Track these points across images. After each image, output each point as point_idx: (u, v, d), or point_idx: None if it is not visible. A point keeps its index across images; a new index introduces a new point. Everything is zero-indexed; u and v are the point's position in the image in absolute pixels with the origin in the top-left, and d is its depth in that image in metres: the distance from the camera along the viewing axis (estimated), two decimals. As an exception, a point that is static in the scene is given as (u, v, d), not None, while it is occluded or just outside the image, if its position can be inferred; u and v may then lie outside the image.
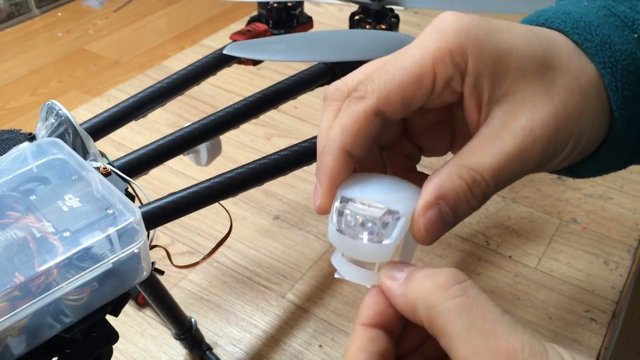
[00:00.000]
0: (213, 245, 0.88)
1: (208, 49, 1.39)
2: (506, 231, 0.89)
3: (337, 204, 0.26)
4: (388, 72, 0.25)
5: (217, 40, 1.42)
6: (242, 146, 1.06)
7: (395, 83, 0.25)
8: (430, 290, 0.23)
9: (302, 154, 0.52)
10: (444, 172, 0.25)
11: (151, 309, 0.77)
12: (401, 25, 0.73)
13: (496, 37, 0.25)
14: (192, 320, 0.70)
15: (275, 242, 0.88)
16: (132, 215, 0.37)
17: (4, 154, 0.50)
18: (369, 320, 0.25)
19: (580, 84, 0.26)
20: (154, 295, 0.63)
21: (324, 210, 0.26)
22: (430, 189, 0.25)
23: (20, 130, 0.54)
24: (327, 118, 0.28)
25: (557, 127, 0.25)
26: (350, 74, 0.29)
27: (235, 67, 0.65)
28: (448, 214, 0.25)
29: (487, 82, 0.25)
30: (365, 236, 0.25)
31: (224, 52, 0.53)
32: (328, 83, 0.64)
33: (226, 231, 0.90)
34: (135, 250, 0.37)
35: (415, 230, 0.25)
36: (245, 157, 1.01)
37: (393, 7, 0.65)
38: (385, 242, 0.25)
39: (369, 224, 0.25)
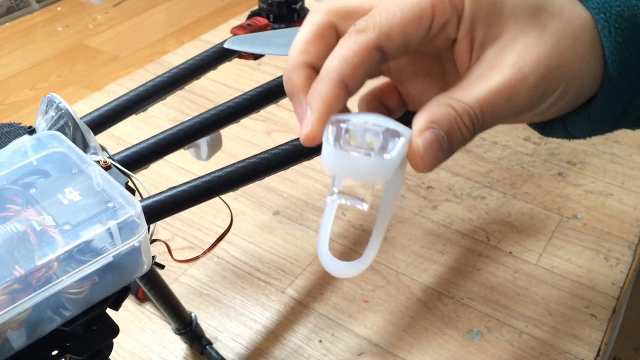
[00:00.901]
0: (213, 240, 0.88)
1: (208, 43, 1.39)
2: (507, 227, 0.89)
3: (330, 127, 0.25)
4: (389, 9, 0.25)
5: (217, 35, 1.41)
6: (242, 141, 1.05)
7: (396, 20, 0.25)
8: None
9: (303, 149, 0.51)
10: (434, 103, 0.25)
11: (151, 304, 0.77)
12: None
13: None
14: (192, 315, 0.70)
15: (276, 237, 0.87)
16: (133, 209, 0.36)
17: (3, 147, 0.50)
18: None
19: (574, 29, 0.26)
20: (155, 289, 0.63)
21: (314, 139, 0.25)
22: (422, 115, 0.25)
23: (20, 123, 0.54)
24: (304, 28, 0.28)
25: (548, 66, 0.25)
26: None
27: (235, 63, 0.65)
28: (443, 138, 0.25)
29: (481, 25, 0.25)
30: (366, 151, 0.24)
31: (225, 45, 0.53)
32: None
33: (226, 226, 0.90)
34: (136, 244, 0.37)
35: (414, 152, 0.25)
36: (245, 152, 1.00)
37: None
38: (386, 156, 0.24)
39: (370, 138, 0.24)
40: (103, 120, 0.54)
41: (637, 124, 0.29)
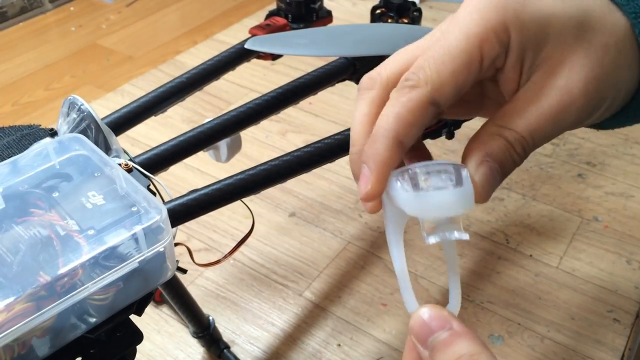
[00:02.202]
0: (229, 242, 0.87)
1: (221, 43, 1.38)
2: (526, 229, 0.88)
3: (399, 178, 0.25)
4: (437, 60, 0.24)
5: (231, 35, 1.41)
6: (256, 142, 1.05)
7: (447, 71, 0.24)
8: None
9: (325, 151, 0.51)
10: (484, 134, 0.26)
11: (168, 306, 0.76)
12: (422, 20, 0.72)
13: (533, 7, 0.25)
14: (210, 318, 0.69)
15: (292, 239, 0.87)
16: (158, 214, 0.36)
17: (24, 149, 0.49)
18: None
19: (617, 39, 0.26)
20: (173, 292, 0.62)
21: (374, 196, 0.25)
22: (476, 149, 0.25)
23: (40, 125, 0.53)
24: (362, 107, 0.27)
25: (597, 86, 0.25)
26: (383, 64, 0.28)
27: (249, 62, 0.64)
28: (496, 169, 0.25)
29: (529, 52, 0.25)
30: (447, 182, 0.25)
31: (246, 46, 0.52)
32: (349, 78, 0.62)
33: (243, 228, 0.89)
34: (161, 249, 0.36)
35: (474, 186, 0.25)
36: (260, 152, 1.00)
37: (415, 0, 0.64)
38: (466, 185, 0.25)
39: (443, 176, 0.25)
40: (122, 122, 0.54)
41: None
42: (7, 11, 1.48)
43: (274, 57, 0.67)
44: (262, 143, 1.04)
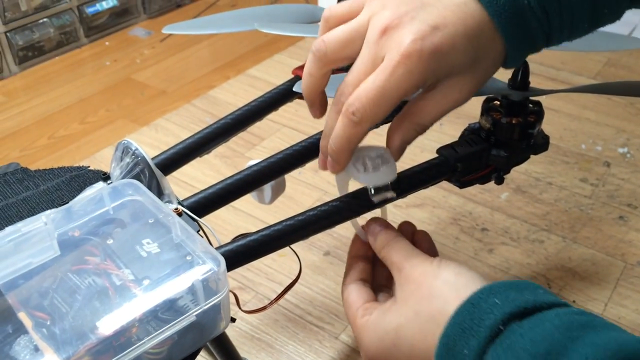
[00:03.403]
0: (263, 282, 0.86)
1: (254, 78, 1.39)
2: (568, 274, 0.85)
3: (355, 164, 0.41)
4: (374, 101, 0.35)
5: (262, 70, 1.42)
6: (289, 178, 1.04)
7: (382, 111, 0.36)
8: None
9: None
10: (404, 127, 0.39)
11: (204, 348, 0.75)
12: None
13: (445, 63, 0.35)
14: (247, 361, 0.68)
15: (327, 279, 0.85)
16: (217, 265, 0.35)
17: (74, 191, 0.49)
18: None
19: (494, 57, 0.37)
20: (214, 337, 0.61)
21: (337, 173, 0.42)
22: (397, 139, 0.40)
23: (89, 167, 0.53)
24: (314, 70, 0.40)
25: (474, 90, 0.38)
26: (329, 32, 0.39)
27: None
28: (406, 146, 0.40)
29: (431, 80, 0.36)
30: (380, 164, 0.41)
31: (294, 89, 0.52)
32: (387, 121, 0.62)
33: (276, 267, 0.88)
34: (217, 302, 0.35)
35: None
36: (293, 189, 0.99)
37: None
38: (391, 163, 0.41)
39: (378, 160, 0.41)
40: (169, 164, 0.53)
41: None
42: (44, 45, 1.51)
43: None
44: (295, 179, 1.03)
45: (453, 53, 0.35)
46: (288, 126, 1.18)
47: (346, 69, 0.39)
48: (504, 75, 0.45)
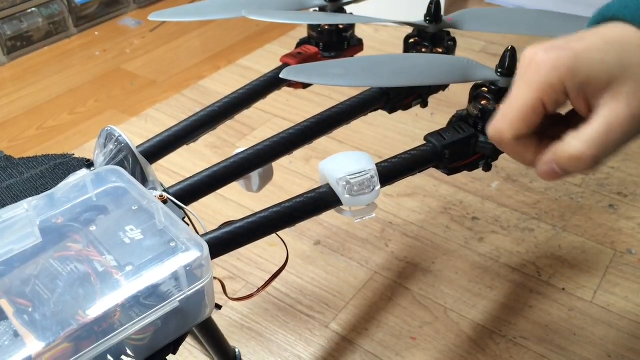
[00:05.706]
0: (253, 271, 0.85)
1: (244, 68, 1.39)
2: (558, 261, 0.85)
3: (340, 185, 0.45)
4: (512, 117, 0.34)
5: (253, 60, 1.41)
6: (280, 168, 1.04)
7: (520, 121, 0.34)
8: None
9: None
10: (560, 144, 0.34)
11: (192, 337, 0.75)
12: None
13: (581, 60, 0.32)
14: (236, 350, 0.68)
15: (317, 268, 0.85)
16: (200, 251, 0.35)
17: (57, 178, 0.49)
18: None
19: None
20: (201, 325, 0.61)
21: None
22: (549, 156, 0.34)
23: (73, 154, 0.53)
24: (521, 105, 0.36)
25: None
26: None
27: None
28: (558, 170, 0.34)
29: (582, 92, 0.33)
30: (365, 189, 0.45)
31: (281, 76, 0.51)
32: (382, 107, 0.62)
33: (267, 256, 0.88)
34: (201, 287, 0.35)
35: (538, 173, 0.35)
36: (283, 179, 0.99)
37: (450, 30, 0.63)
38: (377, 188, 0.45)
39: (365, 183, 0.45)
40: (155, 152, 0.53)
41: None
42: (33, 35, 1.50)
43: (305, 85, 0.66)
44: (286, 169, 1.03)
45: (590, 57, 0.33)
46: (279, 116, 1.18)
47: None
48: (491, 61, 0.45)
